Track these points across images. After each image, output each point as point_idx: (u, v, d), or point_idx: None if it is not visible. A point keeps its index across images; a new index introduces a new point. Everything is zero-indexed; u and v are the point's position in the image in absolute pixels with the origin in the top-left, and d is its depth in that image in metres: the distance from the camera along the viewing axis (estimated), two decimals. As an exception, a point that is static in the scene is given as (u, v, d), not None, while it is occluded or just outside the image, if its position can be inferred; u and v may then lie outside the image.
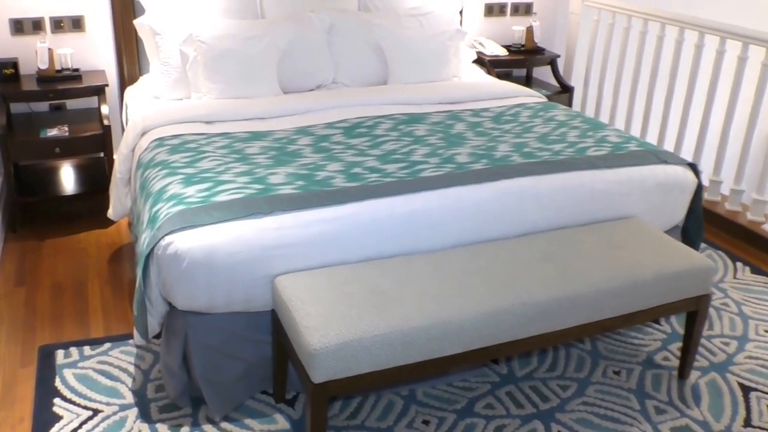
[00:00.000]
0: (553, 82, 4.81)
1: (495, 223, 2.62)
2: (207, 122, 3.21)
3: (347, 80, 3.86)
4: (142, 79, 3.87)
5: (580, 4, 4.78)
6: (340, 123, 3.22)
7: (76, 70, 3.84)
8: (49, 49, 3.70)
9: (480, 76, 4.25)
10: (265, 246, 2.26)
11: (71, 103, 3.93)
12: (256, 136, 3.04)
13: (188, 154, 2.79)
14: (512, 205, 2.64)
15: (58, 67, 3.79)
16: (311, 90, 3.79)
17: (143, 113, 3.33)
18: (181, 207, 2.32)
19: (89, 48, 3.92)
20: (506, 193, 2.64)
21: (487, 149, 2.97)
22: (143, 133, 3.14)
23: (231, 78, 3.48)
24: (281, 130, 3.14)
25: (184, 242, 2.19)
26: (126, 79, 3.96)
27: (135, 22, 3.69)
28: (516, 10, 4.79)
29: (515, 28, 4.70)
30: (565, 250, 2.51)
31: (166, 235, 2.21)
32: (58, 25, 3.83)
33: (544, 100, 3.83)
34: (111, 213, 3.33)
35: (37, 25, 3.79)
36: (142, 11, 3.82)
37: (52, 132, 3.59)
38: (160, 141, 2.96)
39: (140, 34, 3.72)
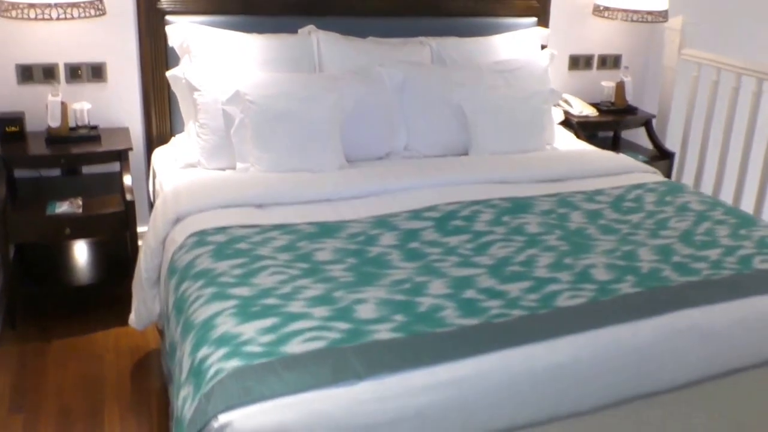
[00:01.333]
0: (646, 144, 4.13)
1: (657, 372, 1.92)
2: (258, 205, 2.53)
3: (422, 147, 3.19)
4: (173, 141, 3.20)
5: (676, 57, 4.10)
6: (428, 212, 2.54)
7: (94, 127, 3.18)
8: (63, 103, 3.04)
9: (572, 142, 3.57)
10: (361, 425, 1.56)
11: (88, 166, 3.25)
12: (324, 230, 2.36)
13: (240, 260, 2.11)
14: (680, 348, 1.94)
15: (72, 124, 3.13)
16: (379, 158, 3.12)
17: (176, 187, 2.66)
18: (238, 362, 1.63)
19: (111, 101, 3.27)
20: (674, 331, 1.95)
21: (626, 257, 2.28)
22: (177, 220, 2.46)
23: (286, 146, 2.81)
24: (354, 221, 2.45)
25: (247, 424, 1.50)
26: (154, 139, 3.29)
27: (168, 74, 3.03)
28: (603, 62, 4.13)
29: (604, 83, 4.03)
30: (753, 404, 1.82)
31: (221, 413, 1.51)
32: (74, 73, 3.18)
33: (660, 176, 3.15)
34: (133, 319, 2.64)
35: (48, 73, 3.14)
36: (175, 60, 3.16)
37: (62, 207, 2.92)
38: (201, 237, 2.27)
39: (174, 88, 3.05)
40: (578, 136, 3.70)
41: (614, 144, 4.16)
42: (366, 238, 2.32)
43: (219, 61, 3.02)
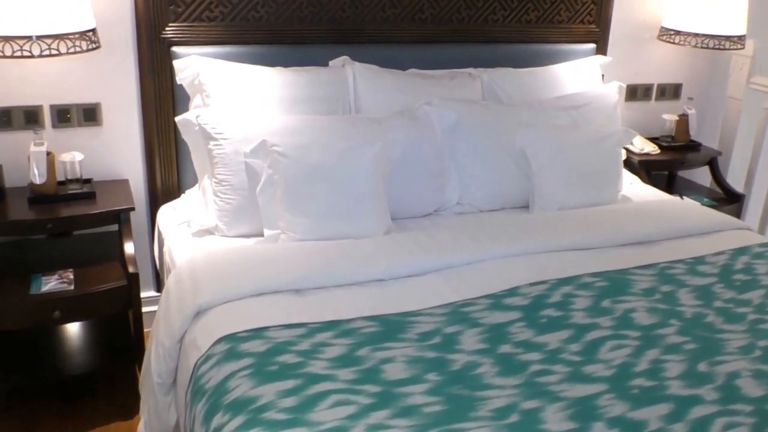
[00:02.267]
0: (702, 181, 3.68)
1: None
2: (297, 290, 2.03)
3: (477, 200, 2.71)
4: (183, 198, 2.69)
5: (743, 87, 3.65)
6: (510, 297, 2.04)
7: (88, 181, 2.67)
8: (49, 153, 2.52)
9: (639, 186, 3.10)
10: None
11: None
12: (388, 328, 1.86)
13: (289, 383, 1.60)
14: None
15: (61, 178, 2.61)
16: (427, 215, 2.64)
17: (191, 263, 2.17)
18: None
19: (107, 149, 2.76)
20: None
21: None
22: (197, 314, 1.95)
23: (324, 209, 2.31)
24: (422, 312, 1.95)
25: None
26: (159, 194, 2.78)
27: (178, 120, 2.52)
28: (662, 92, 3.66)
29: (666, 116, 3.56)
30: None
31: None
32: (62, 116, 2.67)
33: (756, 234, 2.68)
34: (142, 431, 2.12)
35: (31, 117, 2.63)
36: (184, 100, 2.66)
37: (50, 283, 2.40)
38: (232, 344, 1.76)
39: (184, 135, 2.54)
40: (643, 179, 3.22)
41: (670, 183, 3.70)
42: (443, 339, 1.82)
43: (239, 102, 2.52)
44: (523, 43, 3.11)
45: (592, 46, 3.24)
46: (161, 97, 2.69)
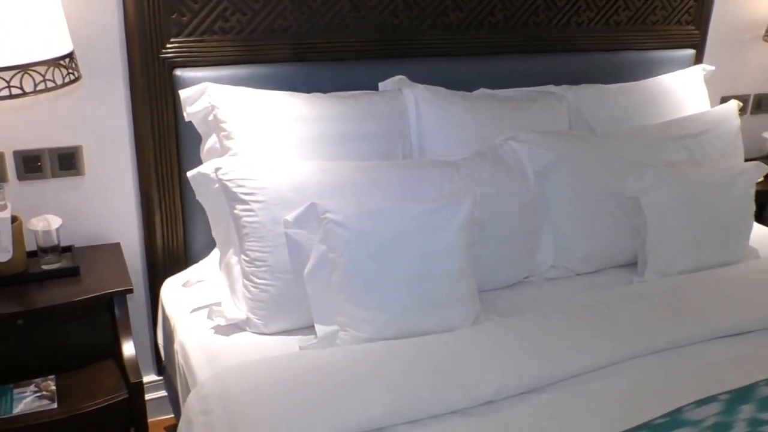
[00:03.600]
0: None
1: None
2: (379, 429, 1.42)
3: (575, 262, 2.11)
4: (195, 270, 2.05)
5: None
6: (674, 430, 1.44)
7: (68, 249, 2.02)
8: (14, 219, 1.87)
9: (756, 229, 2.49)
10: None
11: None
12: None
13: None
14: None
15: (32, 247, 1.95)
16: (512, 285, 2.03)
17: (220, 380, 1.57)
18: None
19: (92, 205, 2.11)
20: None
21: None
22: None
23: (400, 297, 1.68)
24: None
25: None
26: (161, 261, 2.13)
27: (190, 175, 1.85)
28: (759, 105, 3.06)
29: (767, 135, 2.97)
30: None
31: None
32: (31, 165, 2.01)
33: None
34: None
35: (-10, 167, 1.97)
36: (191, 139, 2.01)
37: (25, 400, 1.77)
38: None
39: (200, 196, 1.88)
40: (758, 219, 2.62)
41: (760, 215, 3.08)
42: None
43: (271, 146, 1.88)
44: (609, 51, 2.49)
45: (691, 52, 2.62)
46: (161, 137, 2.04)
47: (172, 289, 2.02)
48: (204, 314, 1.84)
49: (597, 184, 2.09)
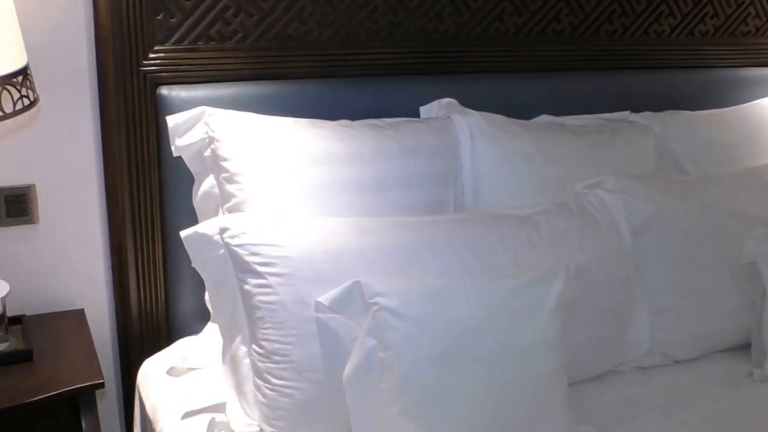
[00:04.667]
0: None
1: None
2: None
3: (674, 347, 1.64)
4: (182, 346, 1.56)
5: None
6: None
7: (17, 320, 1.53)
8: (-59, 287, 1.37)
9: None
10: None
11: None
12: None
13: None
14: None
15: (-36, 321, 1.46)
16: (599, 376, 1.57)
17: None
18: None
19: (47, 261, 1.61)
20: None
21: None
22: None
23: (477, 414, 1.21)
24: None
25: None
26: (137, 334, 1.63)
27: (185, 235, 1.34)
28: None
29: None
30: None
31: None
32: (-34, 210, 1.51)
33: None
34: None
35: None
36: (180, 178, 1.52)
37: None
38: None
39: (196, 262, 1.36)
40: None
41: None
42: None
43: (288, 193, 1.41)
44: (694, 69, 2.05)
45: (784, 69, 2.19)
46: (139, 176, 1.55)
47: (153, 375, 1.53)
48: (201, 422, 1.35)
49: (705, 246, 1.64)
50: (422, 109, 1.70)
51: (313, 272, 1.26)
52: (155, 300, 1.63)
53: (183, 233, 1.33)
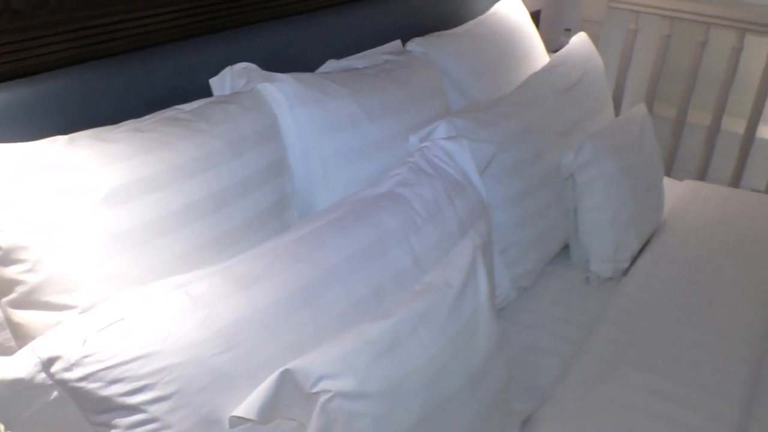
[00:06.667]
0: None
1: None
2: None
3: (525, 277, 1.59)
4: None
5: (604, 8, 2.94)
6: None
7: None
8: None
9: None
10: None
11: None
12: None
13: None
14: None
15: None
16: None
17: None
18: None
19: None
20: None
21: None
22: None
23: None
24: None
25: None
26: None
27: None
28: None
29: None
30: None
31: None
32: None
33: None
34: None
35: None
36: None
37: None
38: None
39: (13, 429, 0.87)
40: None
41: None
42: None
43: (101, 259, 1.00)
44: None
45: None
46: None
47: None
48: None
49: (533, 173, 1.58)
50: (213, 82, 1.33)
51: (209, 375, 0.87)
52: None
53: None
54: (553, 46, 2.56)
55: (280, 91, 1.31)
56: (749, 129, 2.75)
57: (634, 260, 1.68)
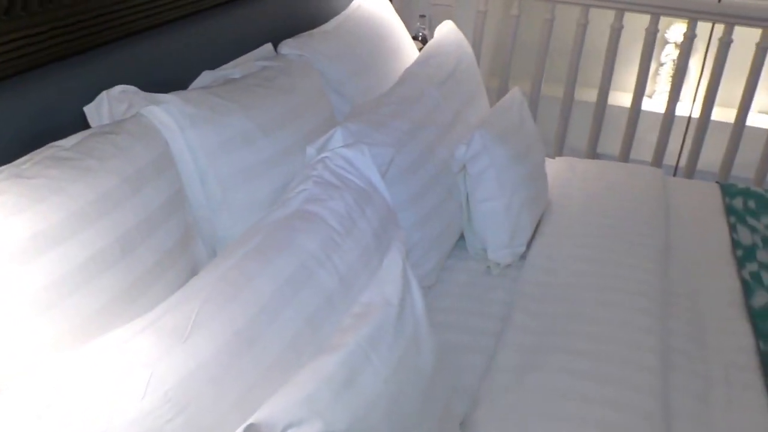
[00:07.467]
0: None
1: None
2: None
3: (428, 277, 1.59)
4: None
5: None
6: None
7: None
8: None
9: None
10: None
11: None
12: None
13: None
14: None
15: None
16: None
17: None
18: None
19: None
20: None
21: None
22: None
23: None
24: None
25: None
26: None
27: None
28: None
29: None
30: None
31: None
32: None
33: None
34: None
35: None
36: None
37: None
38: None
39: None
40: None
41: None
42: None
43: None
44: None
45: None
46: None
47: None
48: None
49: (426, 169, 1.57)
50: (88, 110, 1.20)
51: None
52: None
53: None
54: (411, 33, 2.56)
55: (167, 114, 1.20)
56: (601, 98, 2.90)
57: (529, 244, 1.72)
